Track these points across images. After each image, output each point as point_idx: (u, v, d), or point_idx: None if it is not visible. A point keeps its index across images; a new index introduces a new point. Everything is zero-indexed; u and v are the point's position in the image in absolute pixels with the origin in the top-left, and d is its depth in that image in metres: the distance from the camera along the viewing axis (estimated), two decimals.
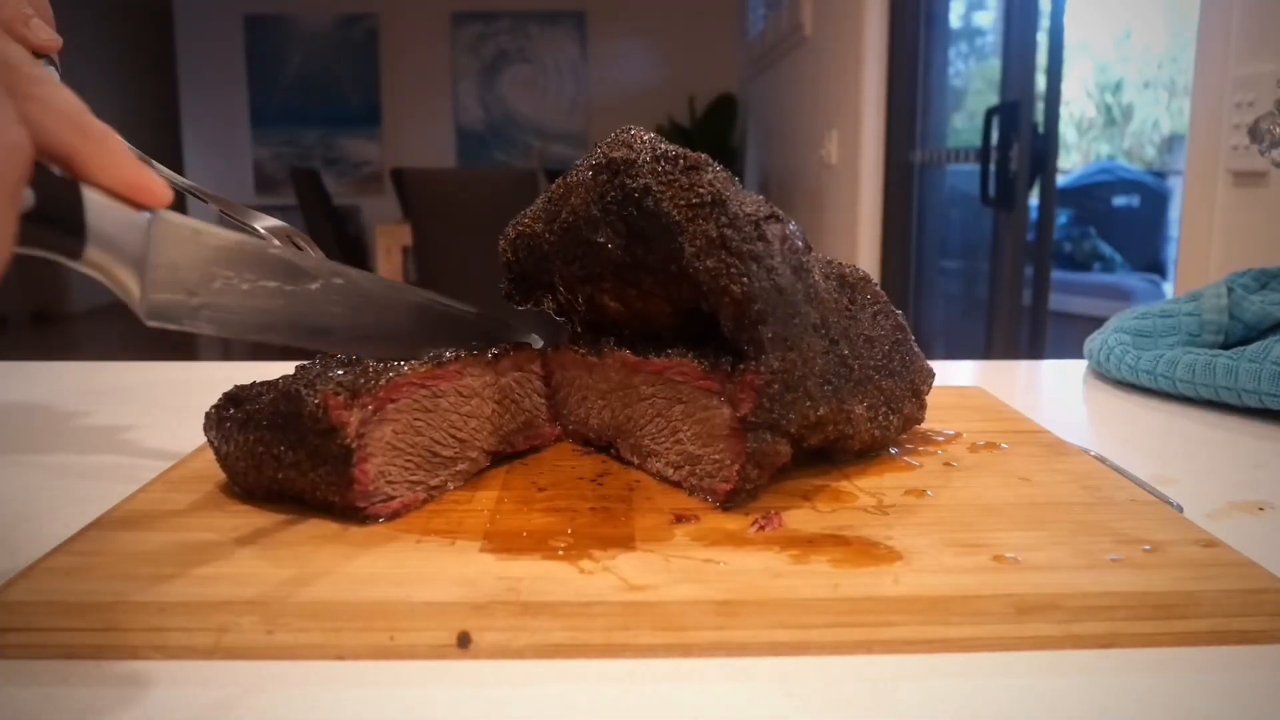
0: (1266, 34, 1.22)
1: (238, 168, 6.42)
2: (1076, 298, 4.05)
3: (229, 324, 0.37)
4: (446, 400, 0.46)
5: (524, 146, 6.31)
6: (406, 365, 0.44)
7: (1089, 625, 0.35)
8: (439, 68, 6.25)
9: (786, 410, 0.43)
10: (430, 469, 0.45)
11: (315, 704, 0.31)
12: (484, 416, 0.49)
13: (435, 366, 0.45)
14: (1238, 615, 0.35)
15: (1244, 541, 0.40)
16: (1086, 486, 0.47)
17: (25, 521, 0.47)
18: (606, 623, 0.34)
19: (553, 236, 0.50)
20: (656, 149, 0.45)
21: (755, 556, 0.39)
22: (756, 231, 0.43)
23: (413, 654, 0.34)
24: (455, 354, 0.47)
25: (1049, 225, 2.35)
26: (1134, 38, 5.66)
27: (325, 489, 0.42)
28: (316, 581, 0.36)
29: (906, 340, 0.54)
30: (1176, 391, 0.71)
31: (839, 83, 3.12)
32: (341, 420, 0.40)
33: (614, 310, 0.51)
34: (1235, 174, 1.28)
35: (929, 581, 0.36)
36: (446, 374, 0.46)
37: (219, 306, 0.37)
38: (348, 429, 0.41)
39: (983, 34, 2.94)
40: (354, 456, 0.41)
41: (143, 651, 0.34)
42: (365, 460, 0.42)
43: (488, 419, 0.49)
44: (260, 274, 0.38)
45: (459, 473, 0.47)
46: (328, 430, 0.40)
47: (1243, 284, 0.77)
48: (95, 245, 0.30)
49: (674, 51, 6.16)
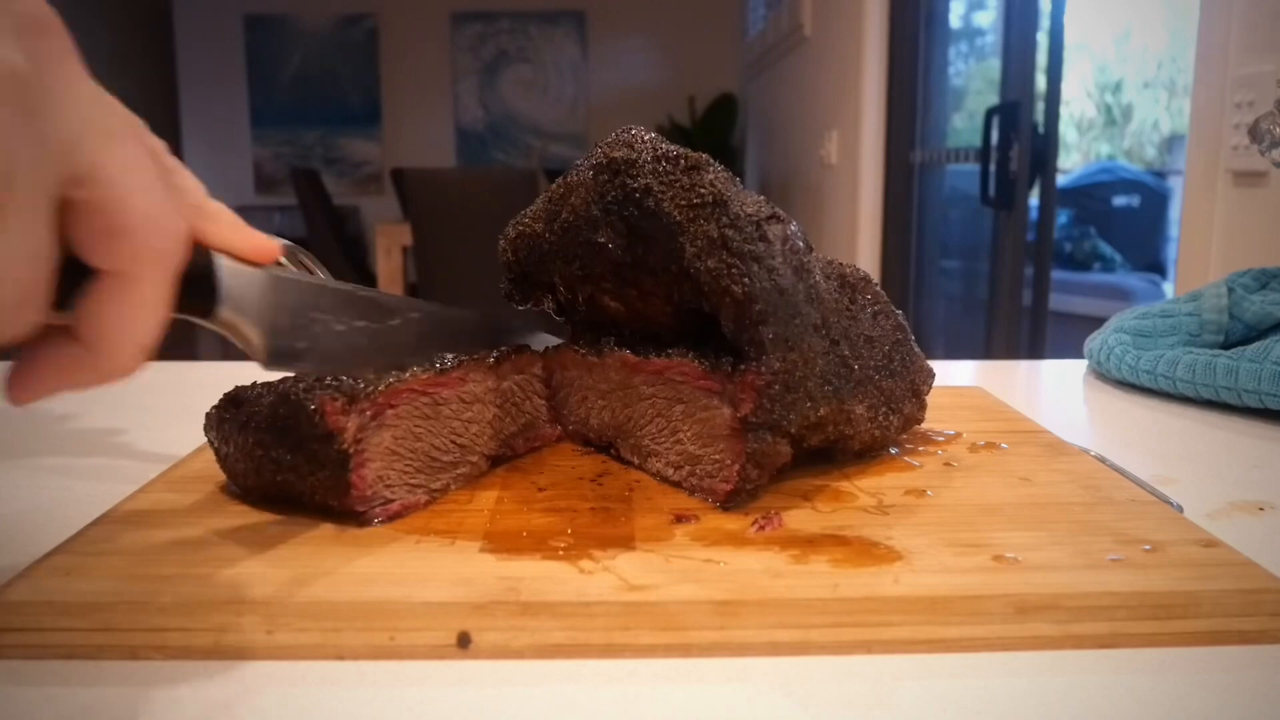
0: (1266, 34, 1.22)
1: (238, 167, 6.42)
2: (1076, 298, 4.05)
3: (329, 361, 0.41)
4: (448, 407, 0.46)
5: (524, 146, 6.31)
6: (407, 372, 0.44)
7: (1089, 625, 0.35)
8: (439, 68, 6.24)
9: (787, 410, 0.43)
10: (431, 473, 0.45)
11: (315, 704, 0.31)
12: (485, 421, 0.49)
13: (438, 373, 0.45)
14: (1238, 615, 0.35)
15: (1244, 541, 0.40)
16: (1086, 486, 0.47)
17: (25, 521, 0.47)
18: (606, 623, 0.34)
19: (553, 236, 0.50)
20: (657, 149, 0.45)
21: (755, 556, 0.39)
22: (758, 232, 0.43)
23: (413, 654, 0.34)
24: (457, 360, 0.47)
25: (1049, 225, 2.35)
26: (1134, 38, 5.67)
27: (324, 493, 0.42)
28: (316, 581, 0.36)
29: (907, 340, 0.54)
30: (1176, 391, 0.71)
31: (839, 83, 3.12)
32: (338, 425, 0.40)
33: (614, 310, 0.51)
34: (1235, 174, 1.28)
35: (929, 581, 0.36)
36: (449, 380, 0.46)
37: (322, 348, 0.40)
38: (345, 434, 0.41)
39: (983, 34, 2.94)
40: (351, 462, 0.41)
41: (143, 651, 0.34)
42: (363, 465, 0.41)
43: (489, 423, 0.49)
44: (354, 315, 0.42)
45: (460, 476, 0.47)
46: (325, 435, 0.40)
47: (1243, 284, 0.77)
48: (225, 303, 0.34)
49: (674, 51, 6.16)
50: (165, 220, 0.27)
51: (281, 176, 6.14)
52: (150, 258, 0.26)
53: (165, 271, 0.27)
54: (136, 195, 0.26)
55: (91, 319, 0.26)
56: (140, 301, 0.27)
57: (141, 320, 0.27)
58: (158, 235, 0.26)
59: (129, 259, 0.26)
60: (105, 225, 0.26)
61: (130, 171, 0.26)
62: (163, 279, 0.27)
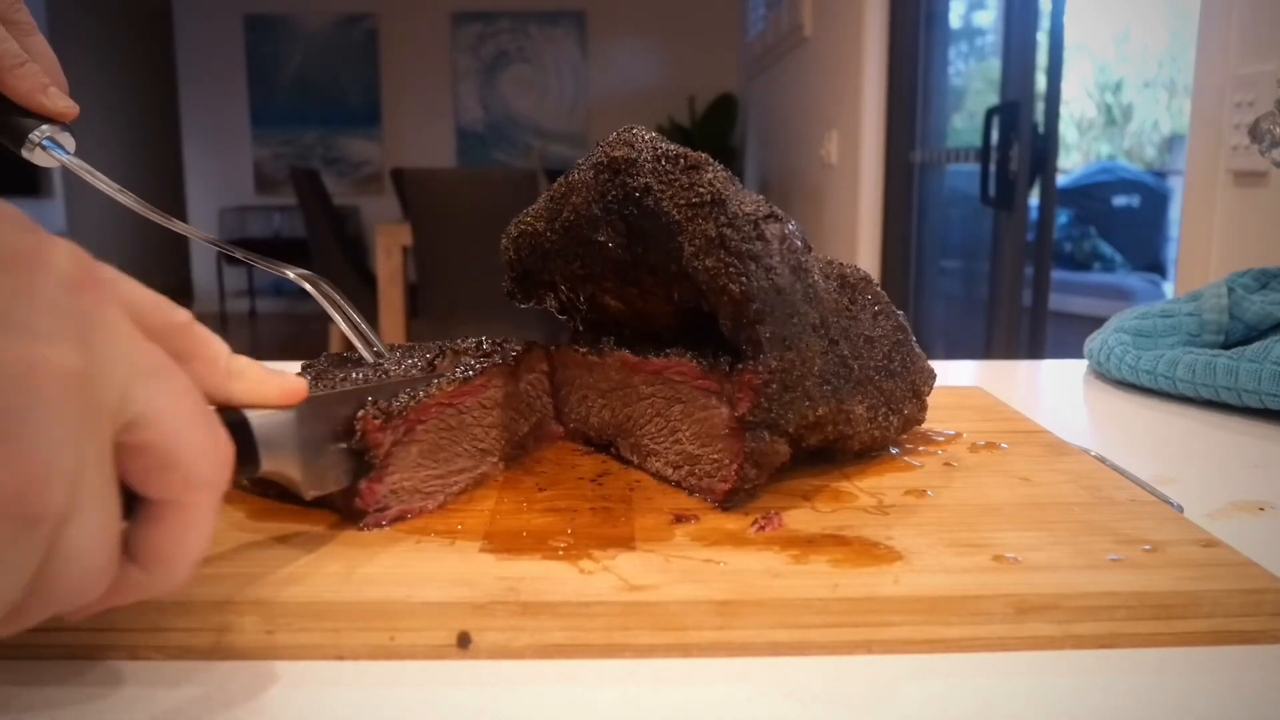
0: (1266, 34, 1.22)
1: (237, 168, 6.42)
2: (1076, 298, 4.04)
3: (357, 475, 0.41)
4: (471, 415, 0.46)
5: (524, 146, 6.31)
6: (434, 385, 0.44)
7: (1089, 625, 0.35)
8: (439, 68, 6.25)
9: (785, 410, 0.43)
10: (449, 478, 0.45)
11: (315, 704, 0.31)
12: (503, 425, 0.49)
13: (462, 383, 0.46)
14: (1238, 615, 0.35)
15: (1244, 541, 0.40)
16: (1086, 486, 0.47)
17: None
18: (606, 623, 0.34)
19: (554, 235, 0.50)
20: (658, 148, 0.45)
21: (755, 556, 0.39)
22: (755, 231, 0.43)
23: (413, 654, 0.34)
24: (480, 367, 0.47)
25: (1049, 225, 2.35)
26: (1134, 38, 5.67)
27: (340, 495, 0.42)
28: (316, 581, 0.36)
29: (907, 341, 0.54)
30: (1176, 391, 0.71)
31: (839, 83, 3.12)
32: (376, 441, 0.41)
33: (615, 309, 0.51)
34: (1235, 174, 1.28)
35: (929, 581, 0.36)
36: (472, 389, 0.46)
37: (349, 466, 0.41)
38: (380, 449, 0.41)
39: (983, 34, 2.94)
40: (378, 475, 0.41)
41: (143, 651, 0.34)
42: (384, 478, 0.42)
43: (506, 426, 0.49)
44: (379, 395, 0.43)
45: (479, 477, 0.47)
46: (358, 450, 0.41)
47: (1243, 284, 0.77)
48: (265, 459, 0.35)
49: (674, 51, 6.17)
50: (213, 450, 0.28)
51: (281, 176, 6.14)
52: (201, 485, 0.28)
53: (216, 494, 0.28)
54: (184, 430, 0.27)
55: (148, 545, 0.28)
56: (194, 524, 0.28)
57: (195, 540, 0.28)
58: (206, 465, 0.28)
59: (181, 489, 0.27)
60: (158, 462, 0.27)
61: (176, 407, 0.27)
62: (214, 501, 0.28)
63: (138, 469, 0.27)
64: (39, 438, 0.23)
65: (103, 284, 0.26)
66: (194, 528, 0.28)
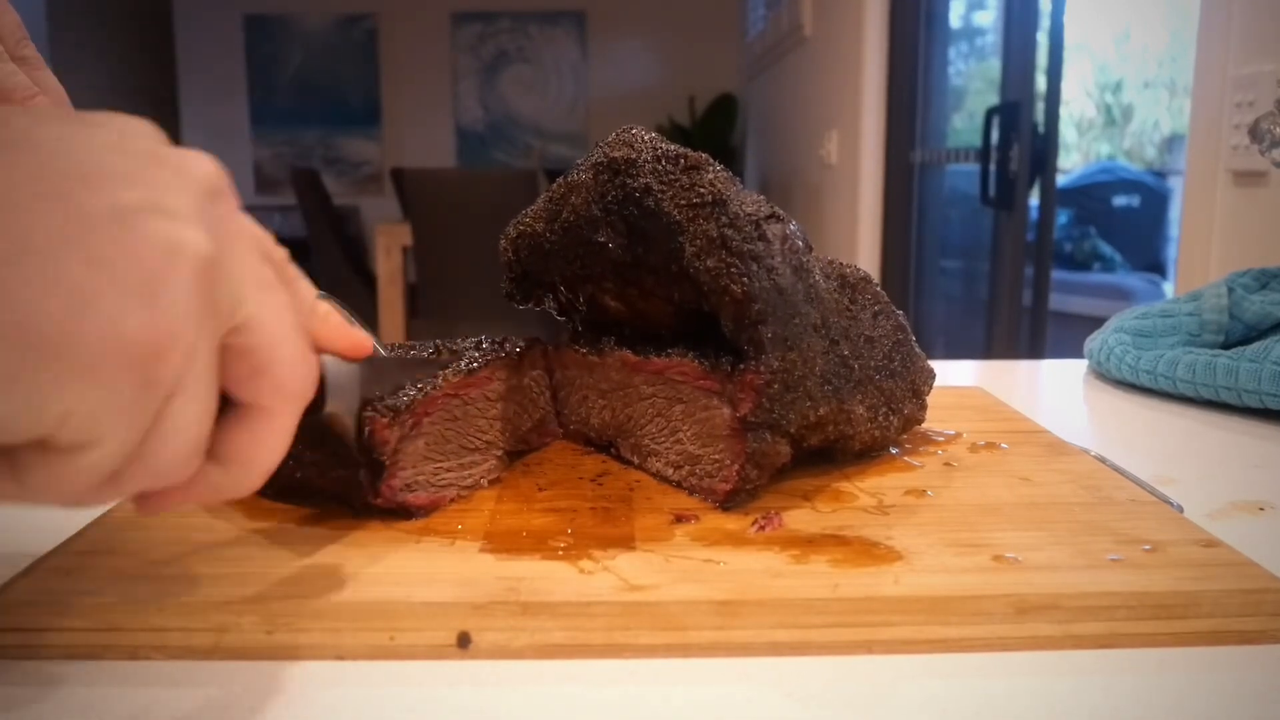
0: (1266, 34, 1.22)
1: (238, 168, 6.41)
2: (1076, 298, 4.04)
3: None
4: (475, 406, 0.47)
5: (524, 146, 6.31)
6: (440, 377, 0.44)
7: (1089, 625, 0.35)
8: (439, 68, 6.24)
9: (786, 410, 0.43)
10: (459, 471, 0.46)
11: (315, 704, 0.31)
12: (506, 418, 0.49)
13: (466, 375, 0.46)
14: (1238, 615, 0.35)
15: (1244, 541, 0.40)
16: (1086, 486, 0.47)
17: (25, 521, 0.47)
18: (606, 623, 0.34)
19: (554, 236, 0.50)
20: (658, 148, 0.45)
21: (755, 556, 0.39)
22: (757, 231, 0.43)
23: (413, 654, 0.34)
24: (484, 359, 0.47)
25: (1049, 225, 2.35)
26: (1134, 38, 5.67)
27: (350, 490, 0.42)
28: (316, 581, 0.36)
29: (907, 340, 0.54)
30: (1176, 391, 0.71)
31: (839, 83, 3.12)
32: (384, 439, 0.41)
33: (615, 310, 0.51)
34: (1235, 174, 1.28)
35: (929, 581, 0.36)
36: (477, 380, 0.47)
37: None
38: (387, 447, 0.41)
39: (983, 34, 2.94)
40: (386, 471, 0.41)
41: (143, 651, 0.34)
42: (394, 476, 0.42)
43: (509, 420, 0.50)
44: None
45: (489, 470, 0.47)
46: (365, 448, 0.41)
47: (1243, 284, 0.77)
48: (333, 399, 0.36)
49: (674, 51, 6.16)
50: (304, 364, 0.30)
51: (281, 177, 6.14)
52: (289, 396, 0.30)
53: (299, 407, 0.30)
54: (283, 343, 0.29)
55: (230, 445, 0.29)
56: (276, 431, 0.30)
57: (274, 447, 0.30)
58: (298, 378, 0.30)
59: (270, 395, 0.29)
60: (255, 367, 0.28)
61: (280, 321, 0.29)
62: (296, 413, 0.30)
63: (236, 371, 0.28)
64: (175, 308, 0.24)
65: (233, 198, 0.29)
66: (275, 434, 0.30)
